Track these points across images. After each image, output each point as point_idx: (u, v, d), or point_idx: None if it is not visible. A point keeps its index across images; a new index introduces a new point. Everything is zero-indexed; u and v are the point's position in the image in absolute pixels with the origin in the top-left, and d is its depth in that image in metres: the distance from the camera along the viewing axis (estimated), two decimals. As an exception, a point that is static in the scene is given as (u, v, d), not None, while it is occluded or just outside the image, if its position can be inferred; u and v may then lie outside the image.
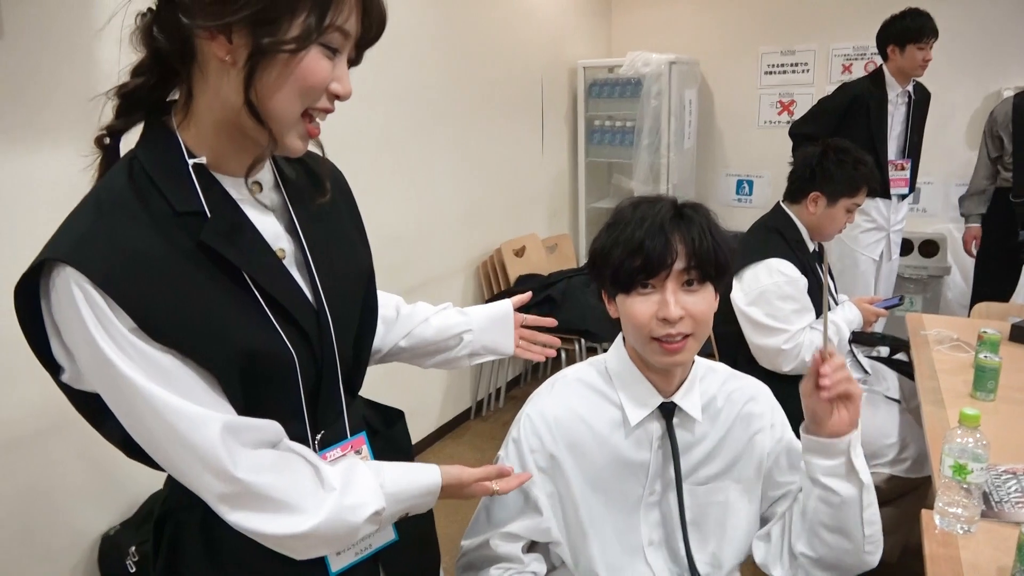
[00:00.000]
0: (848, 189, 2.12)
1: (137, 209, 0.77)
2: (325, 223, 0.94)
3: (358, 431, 0.99)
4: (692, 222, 1.07)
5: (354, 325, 0.98)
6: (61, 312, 0.74)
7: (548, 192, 4.15)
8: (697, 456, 1.17)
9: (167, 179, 0.79)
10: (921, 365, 2.06)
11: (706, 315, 1.08)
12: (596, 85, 4.21)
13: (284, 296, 0.84)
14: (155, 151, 0.81)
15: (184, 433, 0.75)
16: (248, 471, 0.77)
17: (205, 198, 0.80)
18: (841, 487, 1.05)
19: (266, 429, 0.82)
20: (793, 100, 4.35)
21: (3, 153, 1.65)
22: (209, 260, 0.79)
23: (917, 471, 2.05)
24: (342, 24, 0.77)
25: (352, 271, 0.97)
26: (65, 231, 0.76)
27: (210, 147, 0.82)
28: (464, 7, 3.25)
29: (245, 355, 0.80)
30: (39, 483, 1.81)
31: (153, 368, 0.74)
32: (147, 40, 0.78)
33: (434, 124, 3.13)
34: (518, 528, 1.15)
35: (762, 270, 2.07)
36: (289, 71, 0.76)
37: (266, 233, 0.86)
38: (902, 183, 3.25)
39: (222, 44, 0.75)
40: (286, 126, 0.79)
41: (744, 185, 4.59)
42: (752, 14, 4.36)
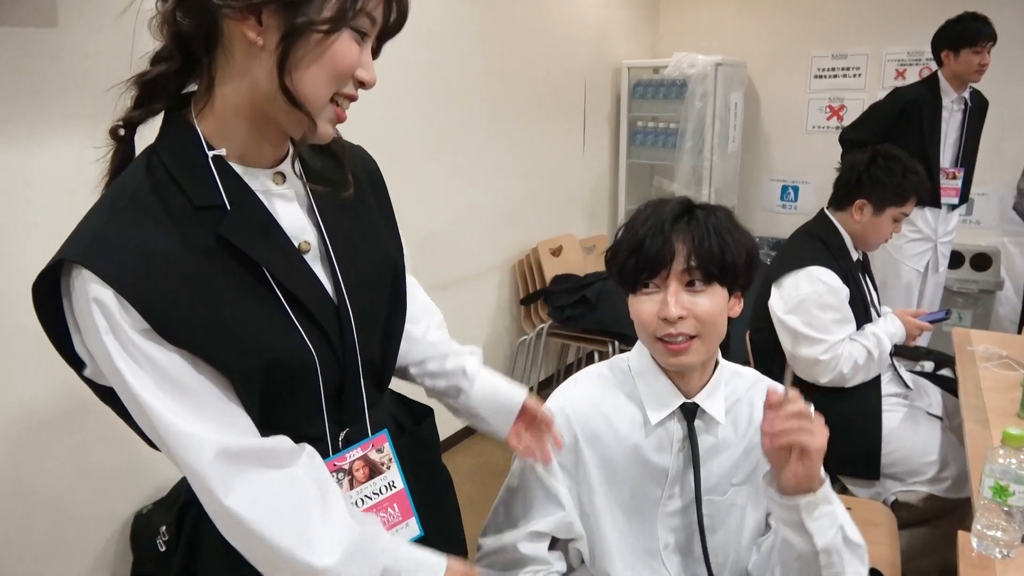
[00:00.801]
0: (896, 198, 2.05)
1: (153, 206, 0.75)
2: (350, 214, 0.92)
3: (381, 428, 0.97)
4: (697, 221, 1.05)
5: (380, 320, 0.95)
6: (79, 312, 0.74)
7: (588, 192, 4.12)
8: (720, 465, 1.14)
9: (186, 173, 0.78)
10: (966, 382, 1.99)
11: (711, 316, 1.05)
12: (640, 86, 4.16)
13: (303, 292, 0.83)
14: (173, 144, 0.79)
15: (179, 453, 0.74)
16: (239, 501, 0.75)
17: (225, 191, 0.78)
18: (797, 542, 0.99)
19: (273, 450, 0.79)
20: (843, 105, 4.24)
21: (56, 137, 1.70)
22: (229, 255, 0.78)
23: (957, 491, 1.98)
24: (371, 10, 0.76)
25: (378, 263, 0.95)
26: (80, 230, 0.76)
27: (231, 138, 0.80)
28: (510, 6, 3.24)
29: (265, 361, 0.79)
30: (75, 461, 1.86)
31: (161, 377, 0.74)
32: (170, 24, 0.77)
33: (475, 122, 3.13)
34: (543, 525, 1.14)
35: (802, 278, 2.02)
36: (321, 53, 0.74)
37: (290, 226, 0.85)
38: (953, 192, 3.15)
39: (252, 26, 0.73)
40: (318, 111, 0.78)
41: (789, 191, 4.49)
42: (803, 16, 4.26)
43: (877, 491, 2.05)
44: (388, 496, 0.98)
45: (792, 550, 1.00)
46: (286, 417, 0.84)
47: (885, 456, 2.01)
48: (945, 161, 3.14)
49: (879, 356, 2.02)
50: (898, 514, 1.81)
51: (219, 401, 0.77)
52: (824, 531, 0.97)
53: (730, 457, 1.14)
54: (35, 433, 1.77)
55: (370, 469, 0.96)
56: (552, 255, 3.60)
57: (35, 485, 1.79)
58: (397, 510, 0.99)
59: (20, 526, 1.77)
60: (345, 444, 0.92)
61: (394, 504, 0.99)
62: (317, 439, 0.88)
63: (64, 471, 1.84)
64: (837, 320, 2.00)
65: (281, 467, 0.80)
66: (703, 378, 1.14)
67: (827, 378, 2.00)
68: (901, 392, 2.18)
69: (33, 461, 1.78)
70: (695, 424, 1.13)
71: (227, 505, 0.75)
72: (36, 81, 1.65)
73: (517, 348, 3.56)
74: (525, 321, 3.55)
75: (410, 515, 1.00)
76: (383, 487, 0.97)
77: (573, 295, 3.37)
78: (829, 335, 1.98)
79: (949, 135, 3.13)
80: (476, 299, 3.34)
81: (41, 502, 1.81)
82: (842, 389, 2.03)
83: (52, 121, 1.69)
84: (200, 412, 0.75)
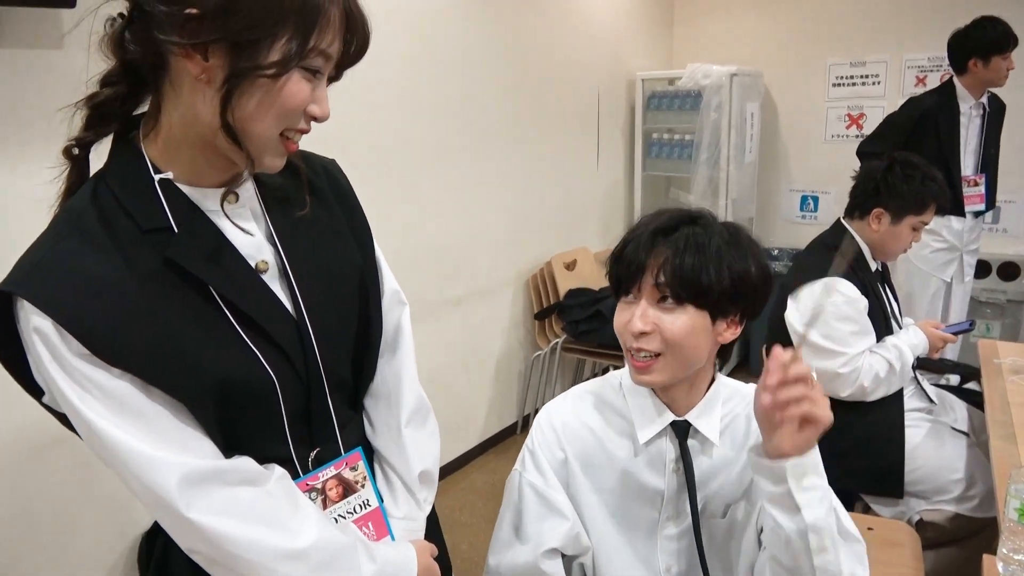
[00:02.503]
0: (915, 206, 2.00)
1: (97, 232, 0.74)
2: (311, 228, 0.90)
3: (355, 446, 0.95)
4: (681, 238, 1.00)
5: (348, 337, 0.93)
6: (26, 342, 0.74)
7: (602, 205, 4.09)
8: (719, 487, 1.10)
9: (132, 197, 0.77)
10: (992, 396, 1.92)
11: (677, 337, 1.00)
12: (655, 97, 4.13)
13: (257, 312, 0.81)
14: (120, 169, 0.78)
15: (138, 474, 0.73)
16: (203, 513, 0.74)
17: (172, 213, 0.77)
18: (784, 521, 0.91)
19: (239, 470, 0.78)
20: (863, 113, 4.18)
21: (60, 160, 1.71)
22: (178, 279, 0.77)
23: (985, 510, 1.90)
24: (325, 48, 0.74)
25: (343, 278, 0.92)
26: (23, 260, 0.75)
27: (179, 162, 0.79)
28: (523, 18, 3.24)
29: (216, 383, 0.77)
30: (82, 481, 1.85)
31: (111, 401, 0.73)
32: (117, 48, 0.76)
33: (488, 135, 3.12)
34: (555, 540, 1.09)
35: (819, 289, 1.97)
36: (268, 94, 0.73)
37: (245, 246, 0.83)
38: (977, 199, 3.07)
39: (197, 63, 0.72)
40: (263, 147, 0.77)
41: (809, 201, 4.43)
42: (819, 24, 4.21)
43: (901, 510, 1.98)
44: (363, 515, 0.96)
45: (780, 535, 0.92)
46: (249, 439, 0.82)
47: (908, 473, 1.95)
48: (967, 168, 3.07)
49: (901, 369, 1.96)
50: (923, 534, 1.75)
51: (174, 425, 0.75)
52: (813, 504, 0.90)
53: (728, 477, 1.10)
54: (42, 452, 1.77)
55: (344, 488, 0.94)
56: (566, 269, 3.57)
57: (42, 504, 1.79)
58: (372, 528, 0.97)
59: (28, 546, 1.77)
60: (316, 464, 0.90)
61: (369, 523, 0.97)
62: (284, 460, 0.86)
63: (71, 490, 1.84)
64: (856, 332, 1.94)
65: (248, 484, 0.79)
66: (693, 396, 1.10)
67: (847, 392, 1.95)
68: (925, 407, 2.11)
69: (40, 480, 1.78)
70: (689, 444, 1.09)
71: (189, 517, 0.73)
72: (41, 102, 1.66)
73: (531, 363, 3.52)
74: (539, 336, 3.52)
75: (385, 533, 0.98)
76: (357, 506, 0.95)
77: (587, 309, 3.33)
78: (848, 347, 1.92)
79: (969, 141, 3.07)
80: (490, 313, 3.32)
81: (48, 521, 1.80)
82: (863, 404, 1.97)
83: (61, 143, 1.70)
84: (156, 436, 0.74)
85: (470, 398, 3.25)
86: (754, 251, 1.04)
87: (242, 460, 0.80)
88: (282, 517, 0.79)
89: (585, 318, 3.31)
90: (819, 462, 0.92)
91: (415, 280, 2.82)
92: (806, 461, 0.90)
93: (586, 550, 1.12)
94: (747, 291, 1.02)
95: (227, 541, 0.74)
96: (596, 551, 1.12)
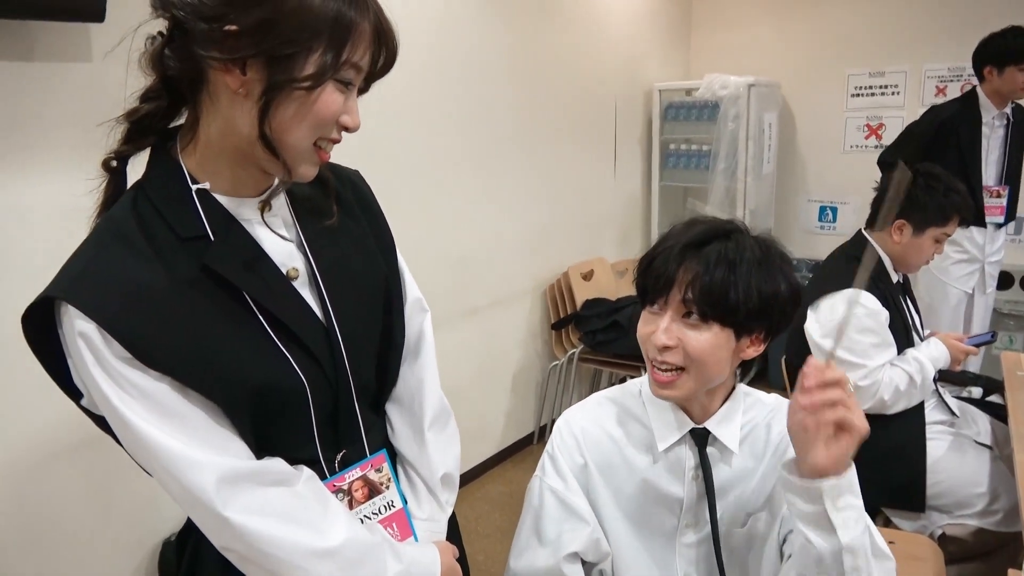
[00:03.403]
0: (938, 218, 1.98)
1: (138, 239, 0.77)
2: (339, 237, 0.93)
3: (379, 449, 0.97)
4: (712, 253, 0.99)
5: (373, 343, 0.96)
6: (69, 346, 0.77)
7: (619, 216, 4.09)
8: (739, 496, 1.09)
9: (171, 206, 0.80)
10: (1016, 409, 1.90)
11: (701, 355, 0.99)
12: (672, 108, 4.14)
13: (290, 318, 0.84)
14: (159, 179, 0.82)
15: (177, 475, 0.75)
16: (238, 512, 0.76)
17: (209, 222, 0.80)
18: (817, 540, 0.88)
19: (271, 471, 0.81)
20: (882, 124, 4.15)
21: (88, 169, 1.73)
22: (215, 285, 0.80)
23: (1009, 525, 1.88)
24: (357, 60, 0.77)
25: (370, 287, 0.95)
26: (67, 267, 0.78)
27: (215, 173, 0.82)
28: (540, 29, 3.26)
29: (251, 387, 0.80)
30: (101, 490, 1.87)
31: (150, 402, 0.75)
32: (157, 65, 0.79)
33: (505, 145, 3.14)
34: (576, 545, 1.09)
35: (839, 301, 1.96)
36: (303, 106, 0.76)
37: (277, 253, 0.86)
38: (998, 211, 3.05)
39: (236, 77, 0.75)
40: (298, 156, 0.80)
41: (827, 212, 4.40)
42: (838, 34, 4.20)
43: (923, 524, 1.96)
44: (388, 515, 0.98)
45: (812, 552, 0.89)
46: (280, 441, 0.85)
47: (930, 487, 1.93)
48: (989, 179, 3.04)
49: (922, 382, 1.94)
50: (945, 549, 1.73)
51: (210, 426, 0.78)
52: (849, 525, 0.87)
53: (748, 486, 1.09)
54: (60, 461, 1.79)
55: (369, 489, 0.96)
56: (583, 279, 3.57)
57: (60, 514, 1.81)
58: (396, 529, 0.99)
59: (46, 555, 1.78)
60: (342, 466, 0.92)
61: (393, 524, 0.98)
62: (312, 462, 0.89)
63: (90, 500, 1.86)
64: (876, 344, 1.93)
65: (281, 484, 0.81)
66: (712, 404, 1.10)
67: (867, 405, 1.93)
68: (947, 419, 2.09)
69: (58, 490, 1.80)
70: (708, 452, 1.08)
71: (225, 515, 0.76)
72: (71, 114, 1.69)
73: (548, 373, 3.52)
74: (556, 346, 3.52)
75: (409, 534, 1.00)
76: (382, 507, 0.97)
77: (604, 320, 3.33)
78: (868, 360, 1.91)
79: (991, 152, 3.04)
80: (507, 324, 3.32)
81: (66, 531, 1.82)
82: (884, 417, 1.96)
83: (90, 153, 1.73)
84: (192, 436, 0.77)
85: (487, 408, 3.25)
86: (785, 269, 1.03)
87: (274, 461, 0.83)
88: (313, 517, 0.81)
89: (602, 328, 3.31)
90: (855, 481, 0.89)
91: (432, 290, 2.80)
92: (842, 483, 0.87)
93: (605, 556, 1.12)
94: (774, 311, 1.01)
95: (260, 539, 0.77)
96: (615, 557, 1.12)
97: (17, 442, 1.71)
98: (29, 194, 1.65)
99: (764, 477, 1.09)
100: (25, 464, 1.73)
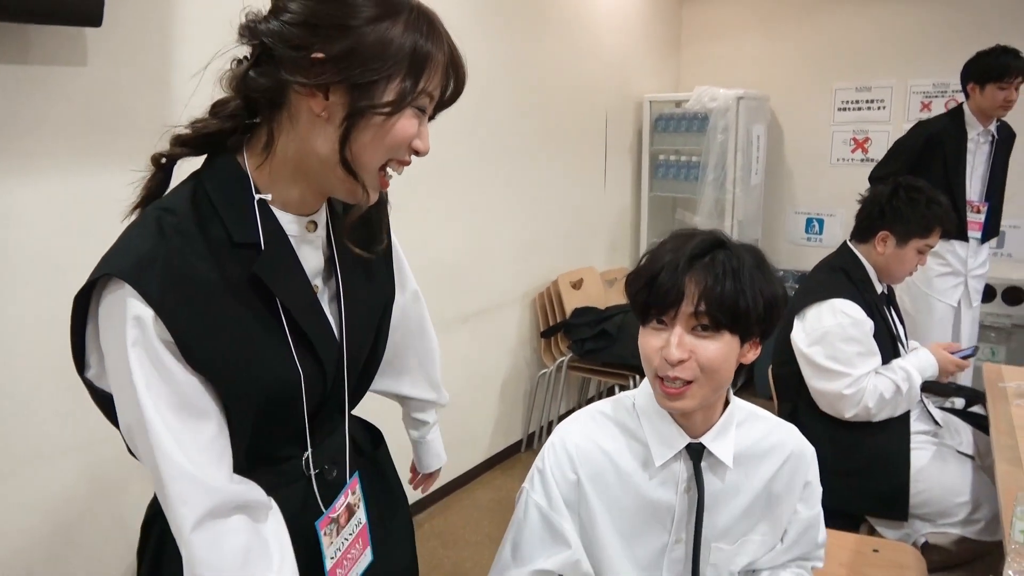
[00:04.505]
0: (920, 229, 2.02)
1: (197, 237, 0.81)
2: (359, 263, 0.98)
3: (339, 449, 1.01)
4: (716, 263, 1.00)
5: (364, 355, 1.00)
6: (107, 321, 0.78)
7: (609, 225, 4.12)
8: (729, 513, 1.11)
9: (231, 211, 0.83)
10: (998, 420, 1.93)
11: (715, 364, 1.00)
12: (662, 119, 4.18)
13: (314, 332, 0.88)
14: (222, 182, 0.84)
15: (166, 480, 0.77)
16: (202, 539, 0.78)
17: (262, 232, 0.84)
18: None
19: (251, 503, 0.84)
20: (868, 137, 4.21)
21: (83, 172, 1.74)
22: (254, 292, 0.83)
23: (991, 534, 1.91)
24: (431, 90, 0.83)
25: (375, 303, 1.00)
26: (125, 248, 0.80)
27: (279, 188, 0.86)
28: (532, 41, 3.28)
29: (264, 393, 0.84)
30: (85, 496, 1.86)
31: (175, 395, 0.78)
32: (239, 86, 0.82)
33: (496, 155, 3.16)
34: (550, 564, 1.10)
35: (825, 310, 1.99)
36: (381, 130, 0.81)
37: (311, 269, 0.90)
38: (976, 226, 3.09)
39: (319, 101, 0.79)
40: (368, 178, 0.84)
41: (814, 224, 4.45)
42: (826, 49, 4.26)
43: (906, 532, 1.99)
44: (355, 535, 1.02)
45: None
46: (269, 444, 0.89)
47: (914, 496, 1.95)
48: (972, 194, 3.09)
49: (908, 391, 1.97)
50: (928, 557, 1.75)
51: (217, 428, 0.81)
52: None
53: (740, 504, 1.11)
54: (42, 467, 1.77)
55: (348, 513, 1.00)
56: (573, 288, 3.59)
57: (40, 521, 1.79)
58: (360, 545, 1.03)
59: (24, 561, 1.77)
60: (314, 464, 0.95)
61: (359, 541, 1.03)
62: (290, 459, 0.93)
63: (72, 507, 1.84)
64: (861, 353, 1.96)
65: (253, 519, 0.84)
66: (710, 419, 1.10)
67: (851, 413, 1.96)
68: (930, 429, 2.12)
69: (39, 496, 1.79)
70: (702, 465, 1.09)
71: (190, 537, 0.78)
72: (66, 118, 1.70)
73: (537, 381, 3.54)
74: (545, 354, 3.53)
75: (367, 545, 1.04)
76: (354, 526, 1.02)
77: (594, 328, 3.35)
78: (853, 368, 1.94)
79: (976, 168, 3.09)
80: (496, 332, 3.33)
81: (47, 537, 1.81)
82: (869, 425, 1.98)
83: (84, 156, 1.73)
84: (197, 437, 0.79)
85: (476, 415, 3.26)
86: (775, 273, 1.06)
87: (257, 492, 0.86)
88: (265, 567, 0.83)
89: (591, 336, 3.33)
90: None
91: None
92: None
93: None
94: (773, 313, 1.04)
95: (205, 569, 0.78)
96: (603, 573, 1.12)
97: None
98: (23, 196, 1.65)
99: (754, 502, 1.11)
100: (9, 467, 1.72)
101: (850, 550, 1.58)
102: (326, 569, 0.95)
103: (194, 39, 1.90)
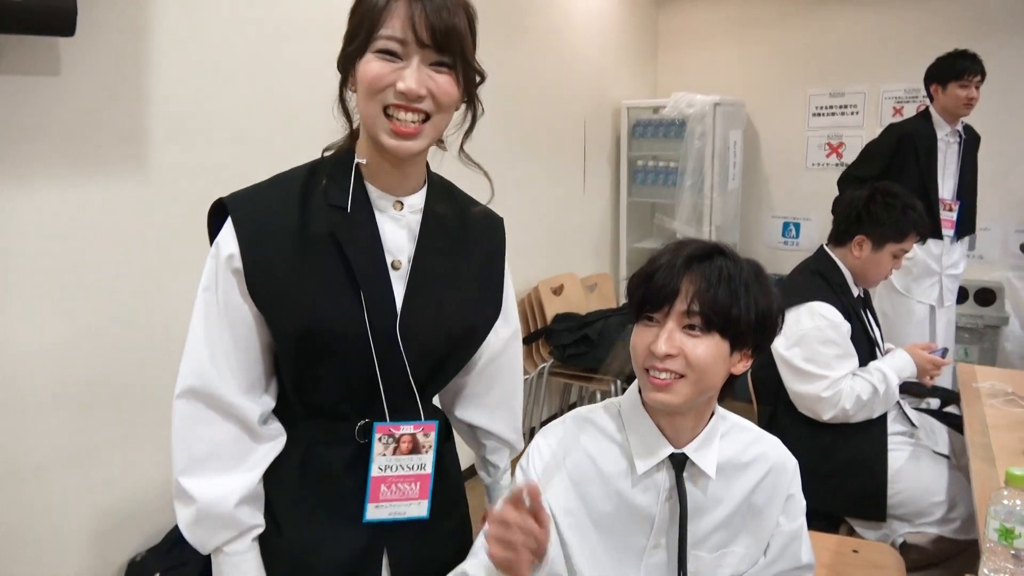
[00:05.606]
0: (895, 234, 2.05)
1: (297, 190, 0.98)
2: (446, 261, 1.07)
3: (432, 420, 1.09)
4: (713, 267, 1.02)
5: (436, 350, 1.07)
6: (212, 229, 0.99)
7: (589, 231, 4.13)
8: (710, 523, 1.11)
9: (334, 177, 0.99)
10: (972, 419, 1.96)
11: (702, 362, 1.02)
12: (640, 125, 4.21)
13: (369, 291, 0.98)
14: (337, 155, 1.01)
15: (183, 362, 0.96)
16: (190, 483, 0.96)
17: (353, 199, 0.98)
18: None
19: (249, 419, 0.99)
20: (842, 142, 4.27)
21: (58, 181, 1.72)
22: (332, 249, 0.97)
23: (967, 532, 1.93)
24: (392, 34, 0.90)
25: (454, 317, 1.06)
26: (247, 187, 1.00)
27: (365, 152, 1.00)
28: (510, 48, 3.29)
29: (314, 335, 0.96)
30: (68, 507, 1.84)
31: (224, 314, 0.95)
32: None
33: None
34: None
35: (803, 313, 2.01)
36: (357, 76, 0.93)
37: (390, 244, 1.02)
38: (948, 224, 3.15)
39: None
40: (373, 125, 0.94)
41: (791, 228, 4.50)
42: (800, 55, 4.32)
43: (885, 533, 2.01)
44: (415, 474, 1.07)
45: None
46: (328, 399, 1.02)
47: (892, 496, 1.97)
48: (945, 192, 3.15)
49: (885, 392, 1.99)
50: (907, 556, 1.77)
51: (251, 361, 0.98)
52: None
53: (721, 514, 1.11)
54: (26, 476, 1.75)
55: (412, 446, 1.06)
56: (553, 294, 3.60)
57: (27, 530, 1.77)
58: (417, 488, 1.07)
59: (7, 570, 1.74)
60: (392, 416, 1.04)
61: (416, 483, 1.07)
62: (347, 420, 1.04)
63: (56, 517, 1.82)
64: (839, 356, 1.98)
65: (248, 436, 0.99)
66: (695, 428, 1.11)
67: (829, 415, 1.98)
68: (907, 430, 2.15)
69: (26, 506, 1.76)
70: (684, 475, 1.10)
71: (175, 402, 0.96)
72: (36, 128, 1.68)
73: (519, 387, 3.53)
74: (527, 360, 3.53)
75: (424, 496, 1.08)
76: (416, 465, 1.07)
77: (575, 334, 3.35)
78: (831, 371, 1.96)
79: (948, 166, 3.15)
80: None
81: (33, 547, 1.78)
82: (847, 427, 2.00)
83: (57, 166, 1.71)
84: (229, 356, 0.96)
85: (458, 422, 3.25)
86: (773, 290, 1.08)
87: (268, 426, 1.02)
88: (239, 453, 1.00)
89: (572, 342, 3.33)
90: None
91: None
92: None
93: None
94: (767, 327, 1.05)
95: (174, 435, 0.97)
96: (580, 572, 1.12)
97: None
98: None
99: (738, 513, 1.12)
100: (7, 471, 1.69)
101: (830, 551, 1.60)
102: (370, 475, 1.02)
103: (167, 48, 1.88)
